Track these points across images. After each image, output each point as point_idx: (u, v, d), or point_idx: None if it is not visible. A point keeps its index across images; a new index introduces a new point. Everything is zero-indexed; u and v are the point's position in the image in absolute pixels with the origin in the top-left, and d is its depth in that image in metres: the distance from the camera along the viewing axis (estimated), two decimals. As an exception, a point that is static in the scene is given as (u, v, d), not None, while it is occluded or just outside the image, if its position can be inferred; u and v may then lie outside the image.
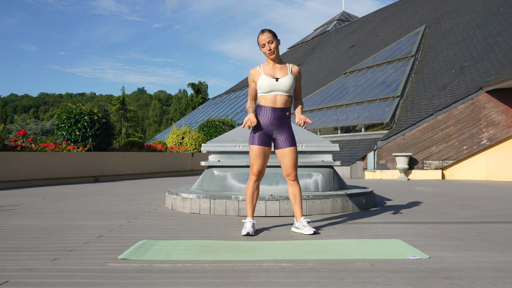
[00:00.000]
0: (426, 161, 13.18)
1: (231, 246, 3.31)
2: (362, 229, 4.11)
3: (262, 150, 3.92)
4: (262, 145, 3.92)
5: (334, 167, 5.90)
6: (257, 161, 3.91)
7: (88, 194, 7.84)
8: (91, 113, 12.70)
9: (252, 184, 3.96)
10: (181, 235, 3.85)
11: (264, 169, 3.97)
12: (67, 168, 11.00)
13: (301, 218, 3.93)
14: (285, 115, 3.93)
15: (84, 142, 12.35)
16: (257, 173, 3.94)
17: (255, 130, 3.93)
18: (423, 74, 16.35)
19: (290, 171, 3.94)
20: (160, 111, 76.24)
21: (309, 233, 3.81)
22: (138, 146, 14.40)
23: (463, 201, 6.62)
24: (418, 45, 18.96)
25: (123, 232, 3.97)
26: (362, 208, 5.52)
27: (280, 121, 3.91)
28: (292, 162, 3.93)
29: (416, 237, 3.73)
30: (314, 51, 35.82)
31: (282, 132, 3.94)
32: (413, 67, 17.25)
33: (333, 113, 17.94)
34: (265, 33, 3.90)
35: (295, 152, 3.96)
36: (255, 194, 3.98)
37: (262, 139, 3.92)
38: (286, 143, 3.93)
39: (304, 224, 3.88)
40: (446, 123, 13.16)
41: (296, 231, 3.95)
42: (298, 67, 4.05)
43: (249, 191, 3.97)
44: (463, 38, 17.48)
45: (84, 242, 3.52)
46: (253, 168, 3.93)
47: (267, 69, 3.94)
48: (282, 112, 3.90)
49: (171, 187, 6.36)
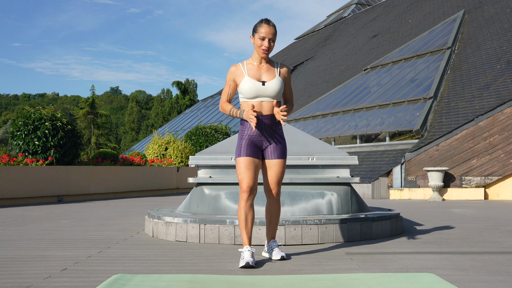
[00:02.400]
0: (465, 177, 13.20)
1: (225, 282, 3.32)
2: (386, 261, 4.12)
3: (252, 161, 3.99)
4: (251, 156, 3.99)
5: (352, 185, 5.91)
6: (246, 174, 3.97)
7: (50, 217, 7.85)
8: (54, 118, 12.74)
9: (244, 204, 3.99)
10: (164, 268, 3.86)
11: (256, 184, 4.02)
12: (24, 185, 11.01)
13: (271, 240, 4.15)
14: (275, 122, 4.04)
15: (45, 154, 12.37)
16: (248, 190, 3.97)
17: (241, 140, 4.04)
18: (462, 71, 16.43)
19: (273, 186, 4.07)
20: (138, 115, 76.41)
21: (276, 259, 4.00)
22: (111, 159, 14.43)
23: (511, 227, 6.63)
24: (455, 34, 19.07)
25: (92, 265, 3.98)
26: (386, 235, 5.53)
27: (270, 130, 4.03)
28: (277, 177, 4.06)
29: (453, 270, 3.73)
30: (328, 42, 36.02)
31: (271, 142, 4.05)
32: (449, 61, 17.34)
33: (350, 118, 18.00)
34: (271, 26, 4.00)
35: (282, 166, 4.08)
36: (249, 216, 4.01)
37: (251, 150, 4.01)
38: (274, 154, 4.04)
39: (272, 247, 4.08)
40: (489, 131, 13.19)
41: (264, 256, 4.18)
42: (287, 67, 4.17)
43: (242, 214, 4.01)
44: (510, 26, 17.58)
45: (45, 277, 3.53)
46: (243, 184, 3.98)
47: (252, 69, 4.03)
48: (271, 119, 4.02)
49: (151, 209, 6.37)
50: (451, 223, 7.01)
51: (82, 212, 8.91)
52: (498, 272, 3.68)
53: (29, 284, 3.30)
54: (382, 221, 5.51)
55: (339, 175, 5.83)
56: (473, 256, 4.34)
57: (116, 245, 5.00)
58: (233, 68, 4.09)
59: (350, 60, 27.30)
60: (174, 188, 16.26)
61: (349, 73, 24.59)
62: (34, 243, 5.15)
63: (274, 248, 4.06)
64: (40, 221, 7.26)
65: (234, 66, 4.10)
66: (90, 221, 7.28)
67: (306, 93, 26.66)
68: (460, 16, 20.84)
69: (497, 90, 14.06)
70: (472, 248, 4.80)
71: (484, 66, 15.89)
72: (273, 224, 4.17)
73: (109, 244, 5.08)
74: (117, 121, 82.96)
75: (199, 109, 40.89)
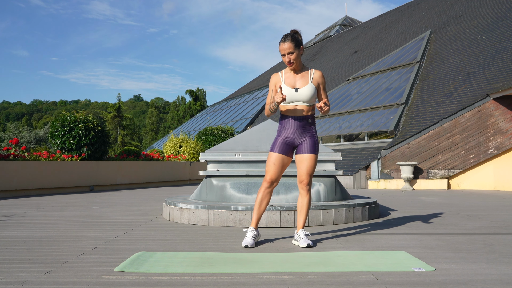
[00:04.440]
0: (432, 171, 13.19)
1: (230, 258, 3.32)
2: (365, 241, 4.12)
3: (280, 158, 3.92)
4: (281, 153, 3.92)
5: (336, 177, 5.91)
6: (272, 168, 3.91)
7: (83, 204, 7.85)
8: (86, 120, 12.73)
9: (263, 190, 3.94)
10: (178, 246, 3.86)
11: (278, 179, 3.96)
12: (61, 177, 11.01)
13: (300, 230, 3.92)
14: (308, 123, 3.95)
15: (78, 150, 12.37)
16: (270, 181, 3.92)
17: (277, 137, 3.97)
18: (429, 81, 16.41)
19: (304, 177, 3.91)
20: (157, 118, 76.37)
21: (303, 246, 3.80)
22: (135, 155, 14.41)
23: (470, 212, 6.63)
24: (423, 50, 19.04)
25: (119, 244, 3.98)
26: (365, 219, 5.53)
27: (303, 129, 3.94)
28: (307, 169, 3.91)
29: (421, 248, 3.73)
30: (316, 57, 35.95)
31: (304, 139, 3.95)
32: (418, 73, 17.31)
33: (335, 121, 17.98)
34: (287, 42, 3.85)
35: (313, 160, 3.94)
36: (264, 201, 3.95)
37: (283, 148, 3.93)
38: (306, 150, 3.93)
39: (301, 236, 3.87)
40: (452, 131, 13.19)
41: (294, 243, 3.96)
42: (320, 72, 4.01)
43: (259, 197, 3.95)
44: (469, 43, 17.55)
45: (78, 254, 3.53)
46: (267, 176, 3.93)
47: (288, 77, 3.95)
48: (304, 120, 3.93)
49: (168, 197, 6.37)
50: (420, 209, 7.01)
51: (110, 199, 8.91)
52: (459, 250, 3.68)
53: (66, 260, 3.30)
54: (361, 207, 5.51)
55: (326, 168, 5.83)
56: (438, 237, 4.34)
57: (138, 227, 5.00)
58: (274, 77, 3.99)
59: (335, 72, 27.25)
60: (187, 179, 16.25)
61: (334, 83, 24.55)
62: (69, 225, 5.15)
63: (302, 237, 3.85)
64: (74, 207, 7.26)
65: (275, 75, 3.99)
66: (117, 207, 7.28)
67: (298, 99, 26.58)
68: (427, 35, 20.81)
69: (458, 97, 14.04)
70: (437, 230, 4.79)
71: (448, 77, 15.87)
72: (303, 214, 3.95)
73: (133, 226, 5.08)
74: (139, 123, 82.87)
75: (208, 113, 40.83)
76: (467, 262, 3.22)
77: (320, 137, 17.40)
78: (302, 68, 3.98)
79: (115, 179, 12.76)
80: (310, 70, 3.98)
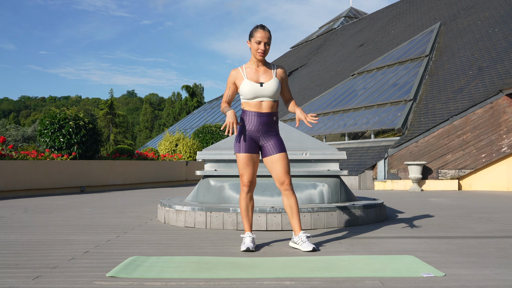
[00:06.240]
0: (441, 171, 13.20)
1: (229, 263, 3.32)
2: (371, 244, 4.12)
3: (250, 157, 3.93)
4: (249, 152, 3.93)
5: (341, 177, 5.92)
6: (246, 170, 3.93)
7: (74, 206, 7.85)
8: (77, 118, 12.73)
9: (244, 196, 3.99)
10: (174, 250, 3.86)
11: (255, 179, 3.99)
12: (51, 178, 11.02)
13: (300, 232, 3.89)
14: (272, 120, 3.95)
15: (69, 149, 12.37)
16: (248, 183, 3.95)
17: (240, 137, 3.94)
18: (438, 76, 16.41)
19: (284, 178, 3.90)
20: (152, 115, 76.35)
21: (308, 250, 3.77)
22: (128, 154, 14.42)
23: (482, 214, 6.63)
24: (432, 44, 19.04)
25: (111, 248, 3.98)
26: (371, 221, 5.53)
27: (267, 127, 3.92)
28: (284, 168, 3.90)
29: (430, 253, 3.73)
30: (319, 50, 35.95)
31: (269, 139, 3.94)
32: (427, 68, 17.32)
33: (340, 118, 17.98)
34: (266, 31, 3.91)
35: (286, 158, 3.94)
36: (249, 206, 4.01)
37: (249, 146, 3.93)
38: (275, 150, 3.93)
39: (303, 240, 3.84)
40: (463, 129, 13.19)
41: (294, 247, 3.94)
42: (283, 68, 4.06)
43: (243, 205, 4.00)
44: (481, 36, 17.55)
45: (69, 258, 3.53)
46: (243, 178, 3.95)
47: (250, 72, 3.95)
48: (268, 117, 3.92)
49: (163, 199, 6.37)
50: (428, 211, 7.01)
51: (102, 201, 8.91)
52: (470, 254, 3.68)
53: (55, 264, 3.30)
54: (367, 209, 5.51)
55: (330, 168, 5.83)
56: (448, 240, 4.35)
57: (132, 231, 5.00)
58: (233, 72, 4.00)
59: (339, 67, 27.25)
60: (183, 180, 16.25)
61: (338, 78, 24.55)
62: (59, 228, 5.15)
63: (304, 240, 3.81)
64: (64, 209, 7.27)
65: (234, 70, 4.00)
66: (109, 209, 7.28)
67: (300, 96, 26.62)
68: (437, 27, 20.80)
69: (469, 93, 14.05)
70: (447, 233, 4.80)
71: (458, 72, 15.87)
72: (295, 214, 3.91)
73: (126, 229, 5.09)
74: (133, 120, 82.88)
75: (206, 110, 40.84)
76: (479, 267, 3.22)
77: (323, 135, 17.41)
78: (265, 63, 4.00)
79: (108, 179, 12.76)
80: (272, 65, 4.02)
